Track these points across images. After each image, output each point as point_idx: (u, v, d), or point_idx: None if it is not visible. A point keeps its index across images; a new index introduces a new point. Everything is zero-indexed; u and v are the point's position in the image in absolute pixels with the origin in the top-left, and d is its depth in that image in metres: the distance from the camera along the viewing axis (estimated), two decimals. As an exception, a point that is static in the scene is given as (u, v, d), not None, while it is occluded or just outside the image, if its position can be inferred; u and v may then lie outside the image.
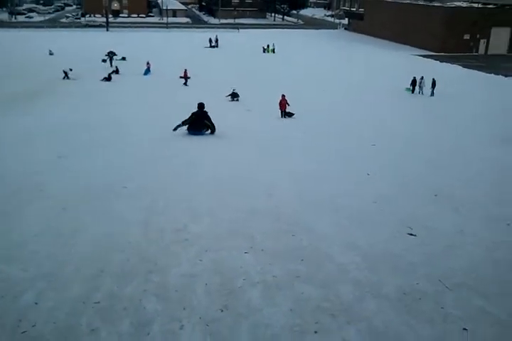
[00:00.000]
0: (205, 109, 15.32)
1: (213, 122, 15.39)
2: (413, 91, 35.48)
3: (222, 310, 4.86)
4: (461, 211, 8.34)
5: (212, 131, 15.47)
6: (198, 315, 4.78)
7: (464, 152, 15.12)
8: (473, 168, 12.20)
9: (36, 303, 4.99)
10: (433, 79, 34.59)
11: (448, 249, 6.48)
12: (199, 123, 15.25)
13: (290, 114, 24.38)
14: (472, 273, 5.69)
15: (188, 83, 35.89)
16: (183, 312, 4.84)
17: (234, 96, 30.27)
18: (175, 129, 15.30)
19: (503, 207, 8.63)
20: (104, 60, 44.55)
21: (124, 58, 46.97)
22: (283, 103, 24.49)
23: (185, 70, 36.52)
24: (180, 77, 36.68)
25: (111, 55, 45.32)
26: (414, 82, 35.50)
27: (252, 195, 8.76)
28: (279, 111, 24.44)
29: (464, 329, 4.44)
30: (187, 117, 15.29)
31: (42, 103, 26.16)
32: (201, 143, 14.19)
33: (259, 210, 7.89)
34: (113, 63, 43.20)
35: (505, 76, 45.22)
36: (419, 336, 4.38)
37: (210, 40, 64.65)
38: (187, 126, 15.32)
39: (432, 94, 34.60)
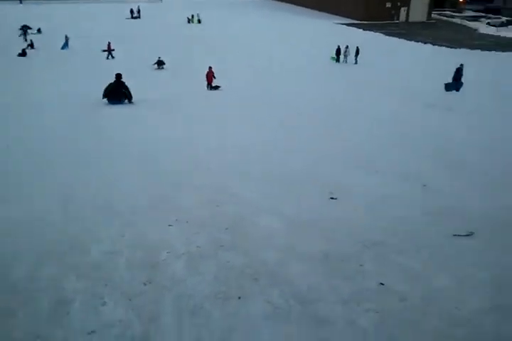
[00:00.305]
0: (122, 79, 15.88)
1: (130, 91, 16.02)
2: (338, 60, 35.96)
3: (145, 284, 4.79)
4: (380, 173, 8.61)
5: (130, 100, 15.95)
6: (120, 291, 4.68)
7: (387, 117, 15.55)
8: (396, 132, 12.58)
9: None
10: (357, 47, 35.25)
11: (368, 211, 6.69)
12: (117, 92, 15.69)
13: (216, 87, 24.06)
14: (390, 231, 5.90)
15: (113, 55, 35.11)
16: (104, 289, 4.72)
17: (160, 63, 31.19)
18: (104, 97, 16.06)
19: (419, 169, 9.00)
20: (20, 35, 41.93)
21: (39, 30, 44.55)
22: (210, 75, 24.13)
23: (109, 42, 35.45)
24: (104, 51, 35.53)
25: (25, 28, 42.77)
26: (338, 51, 35.95)
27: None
28: (206, 83, 24.11)
29: (381, 284, 4.60)
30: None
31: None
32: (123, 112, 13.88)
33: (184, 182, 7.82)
34: (27, 37, 40.82)
35: (424, 43, 46.70)
36: (340, 293, 4.50)
37: (132, 11, 62.27)
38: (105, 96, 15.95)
39: (356, 62, 35.32)
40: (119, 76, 16.14)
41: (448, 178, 8.26)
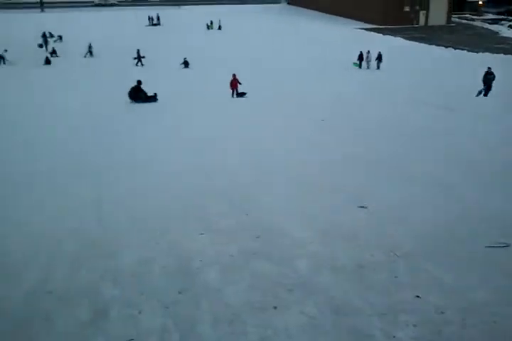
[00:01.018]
0: (141, 85, 19.60)
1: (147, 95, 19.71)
2: (360, 65, 35.64)
3: (180, 292, 4.85)
4: (412, 182, 8.56)
5: (147, 99, 19.40)
6: (156, 299, 4.74)
7: (408, 121, 15.36)
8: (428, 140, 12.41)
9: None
10: (379, 53, 34.93)
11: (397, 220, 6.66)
12: (136, 94, 19.50)
13: (242, 94, 23.52)
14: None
15: (143, 62, 36.08)
16: (141, 297, 4.79)
17: (186, 64, 34.87)
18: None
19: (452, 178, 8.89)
20: (40, 45, 42.04)
21: (60, 38, 45.03)
22: (234, 83, 23.76)
23: (138, 50, 36.51)
24: (134, 58, 36.50)
25: (45, 37, 42.99)
26: (361, 57, 35.66)
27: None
28: (230, 90, 23.68)
29: (417, 296, 4.60)
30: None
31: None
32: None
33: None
34: (48, 46, 41.16)
35: (445, 47, 46.34)
36: (375, 305, 4.50)
37: (150, 18, 62.86)
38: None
39: (378, 67, 35.02)
40: (139, 82, 19.70)
41: (482, 188, 8.07)
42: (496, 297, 4.51)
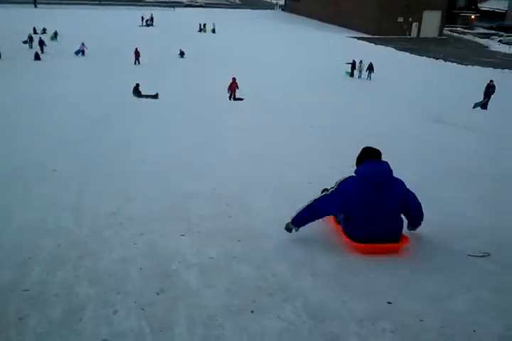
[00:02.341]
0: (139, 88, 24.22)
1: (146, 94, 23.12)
2: (352, 74, 35.82)
3: (158, 294, 4.78)
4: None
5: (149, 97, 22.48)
6: (132, 299, 4.67)
7: (400, 132, 15.52)
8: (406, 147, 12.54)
9: (-42, 293, 4.73)
10: (370, 63, 35.10)
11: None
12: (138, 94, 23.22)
13: (239, 99, 22.95)
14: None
15: (139, 61, 36.31)
16: (116, 297, 4.72)
17: (182, 54, 40.47)
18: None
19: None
20: (24, 42, 41.35)
21: (55, 34, 44.37)
22: (233, 86, 23.04)
23: (136, 48, 36.87)
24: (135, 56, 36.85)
25: (30, 35, 42.23)
26: (353, 66, 35.75)
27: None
28: (228, 93, 23.04)
29: (388, 302, 4.59)
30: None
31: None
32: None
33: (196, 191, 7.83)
34: (33, 43, 40.57)
35: (436, 59, 46.86)
36: (353, 311, 4.48)
37: (143, 19, 62.85)
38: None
39: (369, 77, 35.16)
40: (137, 85, 24.25)
41: (464, 198, 8.09)
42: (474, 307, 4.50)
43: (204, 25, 59.78)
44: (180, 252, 5.66)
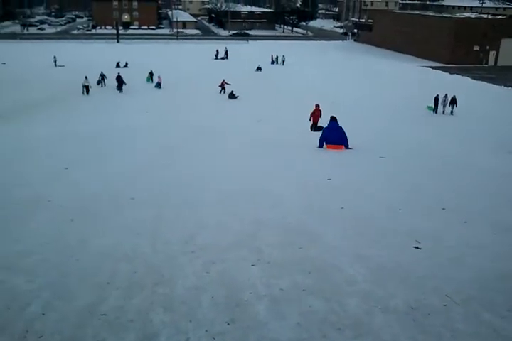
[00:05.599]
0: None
1: None
2: (436, 110, 31.35)
3: (228, 323, 4.83)
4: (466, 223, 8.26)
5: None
6: (204, 328, 4.75)
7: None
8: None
9: (43, 314, 4.99)
10: (453, 96, 30.46)
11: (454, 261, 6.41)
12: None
13: (320, 128, 19.36)
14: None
15: (225, 90, 36.90)
16: (189, 325, 4.82)
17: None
18: None
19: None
20: (98, 82, 42.69)
21: (151, 75, 45.69)
22: (316, 114, 20.79)
23: (223, 80, 37.45)
24: (219, 86, 37.46)
25: (102, 74, 43.61)
26: (436, 100, 31.56)
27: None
28: (311, 123, 21.00)
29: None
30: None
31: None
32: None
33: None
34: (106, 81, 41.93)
35: (515, 87, 44.97)
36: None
37: (218, 52, 64.64)
38: None
39: (452, 112, 30.77)
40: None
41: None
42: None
43: (276, 57, 61.05)
44: (251, 282, 5.70)
